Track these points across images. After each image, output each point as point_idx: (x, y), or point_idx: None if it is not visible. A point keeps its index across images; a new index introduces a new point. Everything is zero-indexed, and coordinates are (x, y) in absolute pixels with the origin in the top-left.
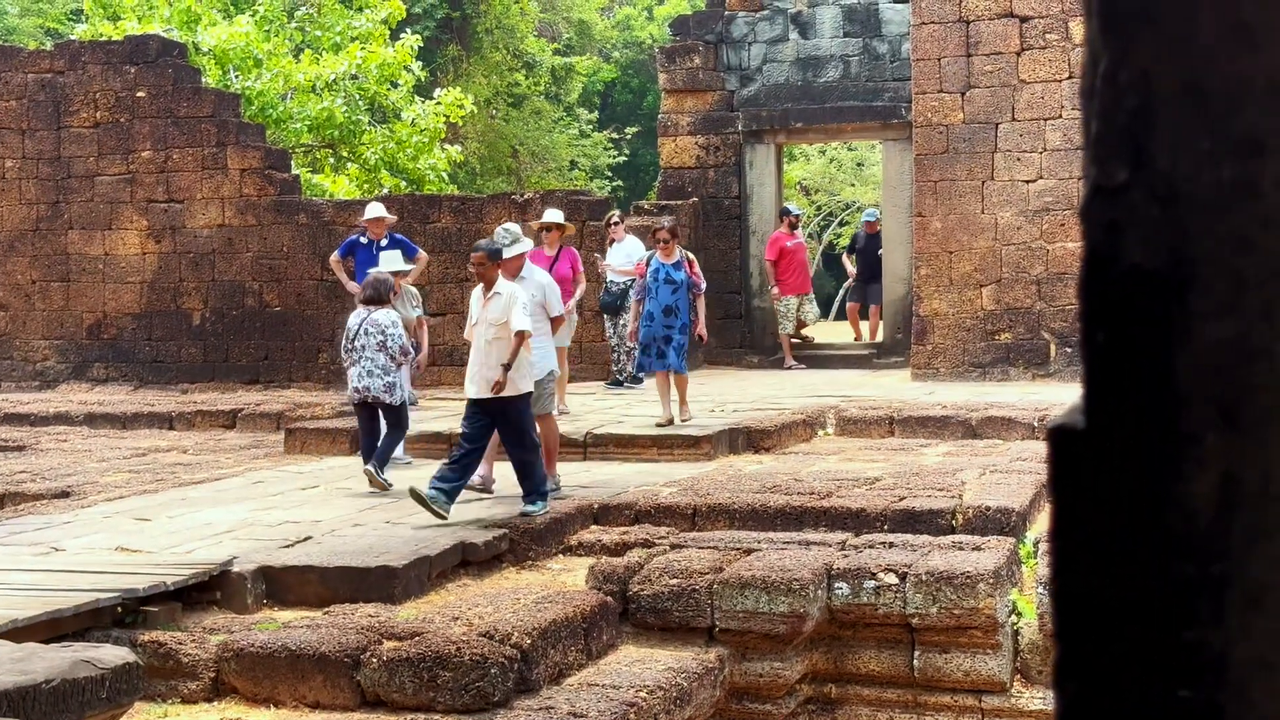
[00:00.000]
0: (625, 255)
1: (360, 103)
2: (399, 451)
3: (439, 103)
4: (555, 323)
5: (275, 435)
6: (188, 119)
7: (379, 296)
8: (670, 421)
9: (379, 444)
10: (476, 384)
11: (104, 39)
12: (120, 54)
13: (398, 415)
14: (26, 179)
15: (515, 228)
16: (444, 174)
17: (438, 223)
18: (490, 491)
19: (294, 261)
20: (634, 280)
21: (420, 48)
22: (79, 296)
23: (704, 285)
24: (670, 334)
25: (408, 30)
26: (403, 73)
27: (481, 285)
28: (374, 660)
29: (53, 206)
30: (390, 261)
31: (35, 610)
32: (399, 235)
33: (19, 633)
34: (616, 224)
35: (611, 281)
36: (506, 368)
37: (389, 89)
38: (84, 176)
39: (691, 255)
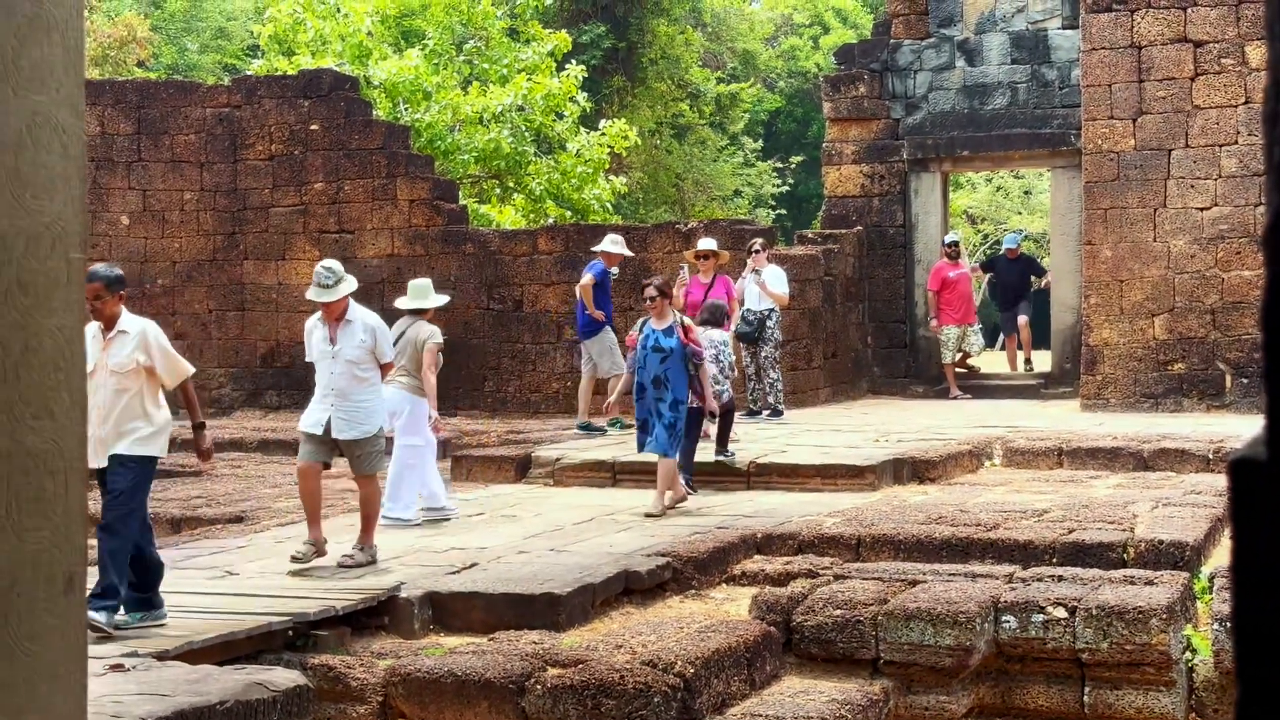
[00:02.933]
0: (769, 285)
1: (526, 134)
2: (399, 510)
3: (604, 133)
4: (385, 369)
5: (442, 463)
6: (359, 151)
7: (715, 319)
8: (659, 513)
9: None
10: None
11: (279, 74)
12: (294, 88)
13: (720, 420)
14: (204, 210)
15: (338, 265)
16: (608, 204)
17: None
18: (324, 554)
19: (461, 291)
20: (773, 310)
21: (585, 78)
22: (253, 325)
23: (706, 353)
24: (661, 409)
25: (573, 61)
26: (568, 104)
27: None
28: (538, 687)
29: (229, 237)
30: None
31: (210, 633)
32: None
33: (195, 654)
34: (758, 252)
35: (749, 310)
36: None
37: (554, 120)
38: (259, 208)
39: (688, 320)
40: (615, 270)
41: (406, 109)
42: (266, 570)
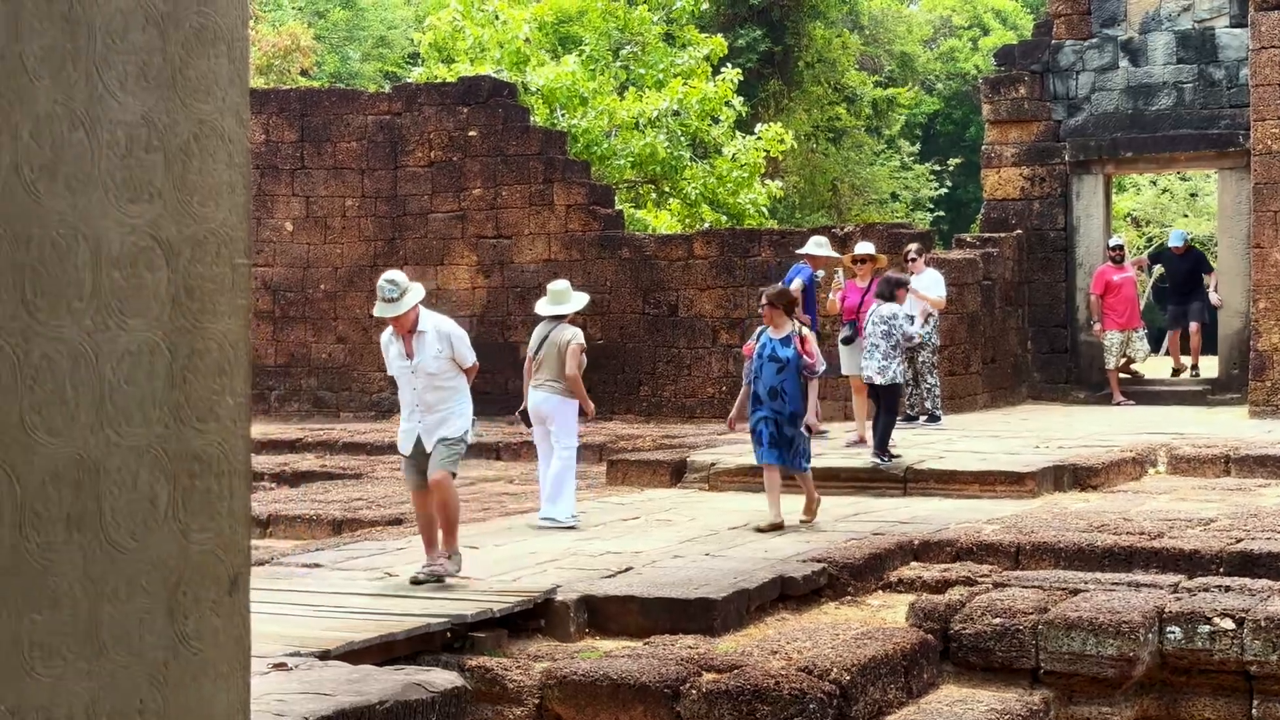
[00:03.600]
0: (925, 289)
1: (682, 138)
2: (564, 511)
3: (759, 137)
4: (469, 373)
5: (597, 467)
6: (516, 157)
7: (889, 293)
8: (776, 527)
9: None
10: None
11: (438, 81)
12: (453, 95)
13: (889, 398)
14: (365, 216)
15: (402, 276)
16: (764, 208)
17: (757, 256)
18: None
19: (617, 296)
20: (931, 314)
21: (741, 82)
22: None
23: (820, 367)
24: (780, 420)
25: (729, 65)
26: (724, 108)
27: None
28: (693, 692)
29: (389, 243)
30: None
31: (370, 633)
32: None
33: (355, 654)
34: (914, 259)
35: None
36: None
37: (710, 124)
38: (418, 214)
39: (806, 330)
40: (821, 273)
41: (563, 115)
42: None
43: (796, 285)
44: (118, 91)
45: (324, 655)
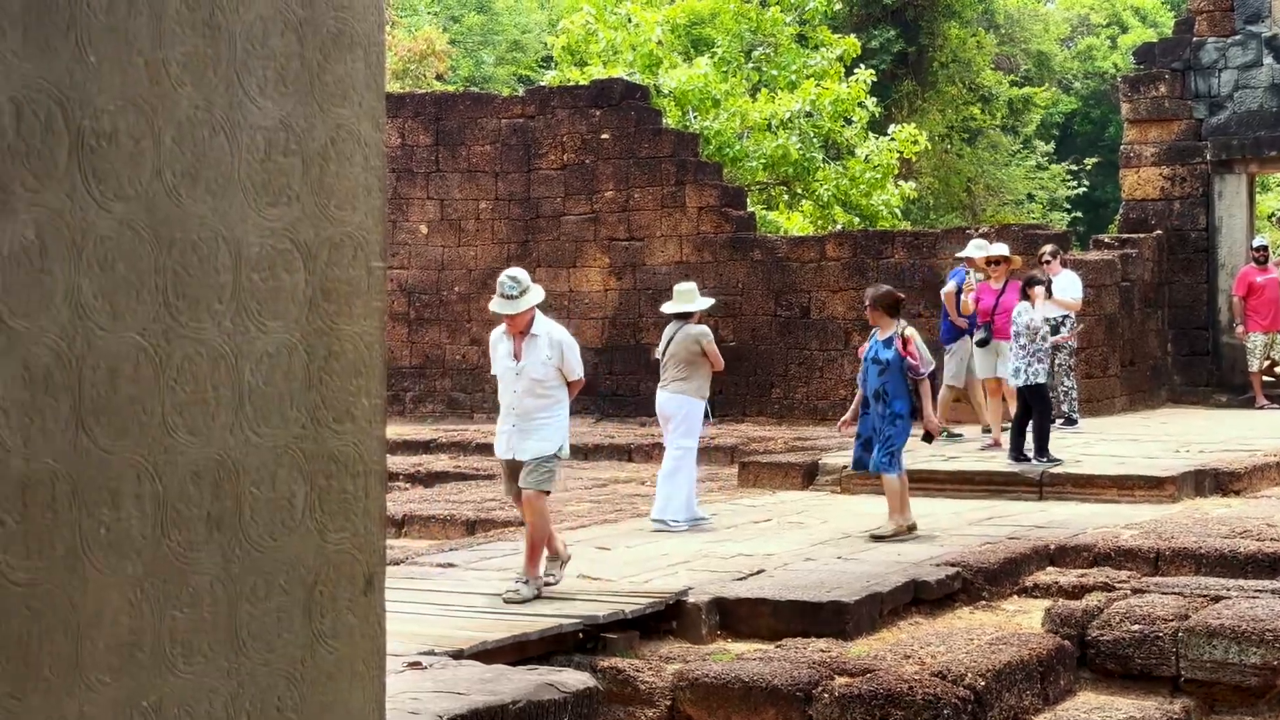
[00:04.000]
0: (1061, 291)
1: (814, 140)
2: (675, 512)
3: (893, 138)
4: (573, 387)
5: (729, 469)
6: (648, 159)
7: (1026, 293)
8: (888, 535)
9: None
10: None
11: (571, 84)
12: (586, 98)
13: (1034, 399)
14: (498, 219)
15: (524, 275)
16: (897, 210)
17: (890, 258)
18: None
19: (748, 297)
20: (1067, 316)
21: (874, 83)
22: None
23: (926, 368)
24: (883, 426)
25: (862, 66)
26: (857, 109)
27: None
28: (825, 695)
29: (522, 245)
30: (680, 298)
31: (503, 633)
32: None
33: (488, 654)
34: (1048, 261)
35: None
36: None
37: (843, 125)
38: (551, 216)
39: (909, 331)
40: (980, 275)
41: (695, 117)
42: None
43: (950, 288)
44: (257, 97)
45: (458, 655)
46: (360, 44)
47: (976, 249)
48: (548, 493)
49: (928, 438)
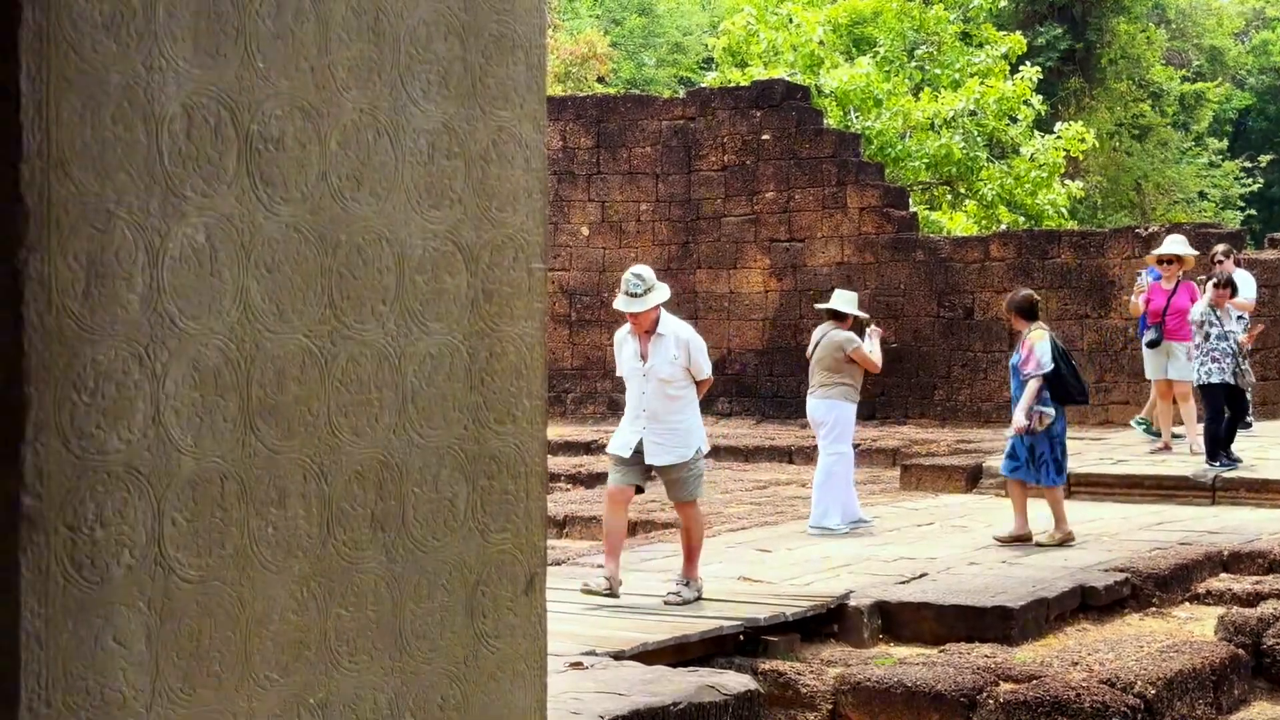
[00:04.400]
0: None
1: (978, 139)
2: (834, 517)
3: (1059, 136)
4: (701, 386)
5: (891, 471)
6: (809, 160)
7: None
8: (1019, 539)
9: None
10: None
11: (732, 85)
12: (747, 99)
13: (1210, 399)
14: (659, 221)
15: (649, 273)
16: (1063, 209)
17: (1056, 258)
18: (616, 595)
19: (910, 299)
20: (1241, 317)
21: (1040, 80)
22: (705, 333)
23: (1033, 369)
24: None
25: (1027, 63)
26: (1022, 107)
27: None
28: (990, 702)
29: (683, 247)
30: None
31: (664, 635)
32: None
33: (649, 655)
34: (1221, 261)
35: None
36: None
37: (1008, 124)
38: (711, 218)
39: (1034, 334)
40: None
41: (857, 116)
42: (718, 575)
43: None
44: (420, 100)
45: (618, 655)
46: (522, 46)
47: (1176, 245)
48: (699, 498)
49: (1024, 434)
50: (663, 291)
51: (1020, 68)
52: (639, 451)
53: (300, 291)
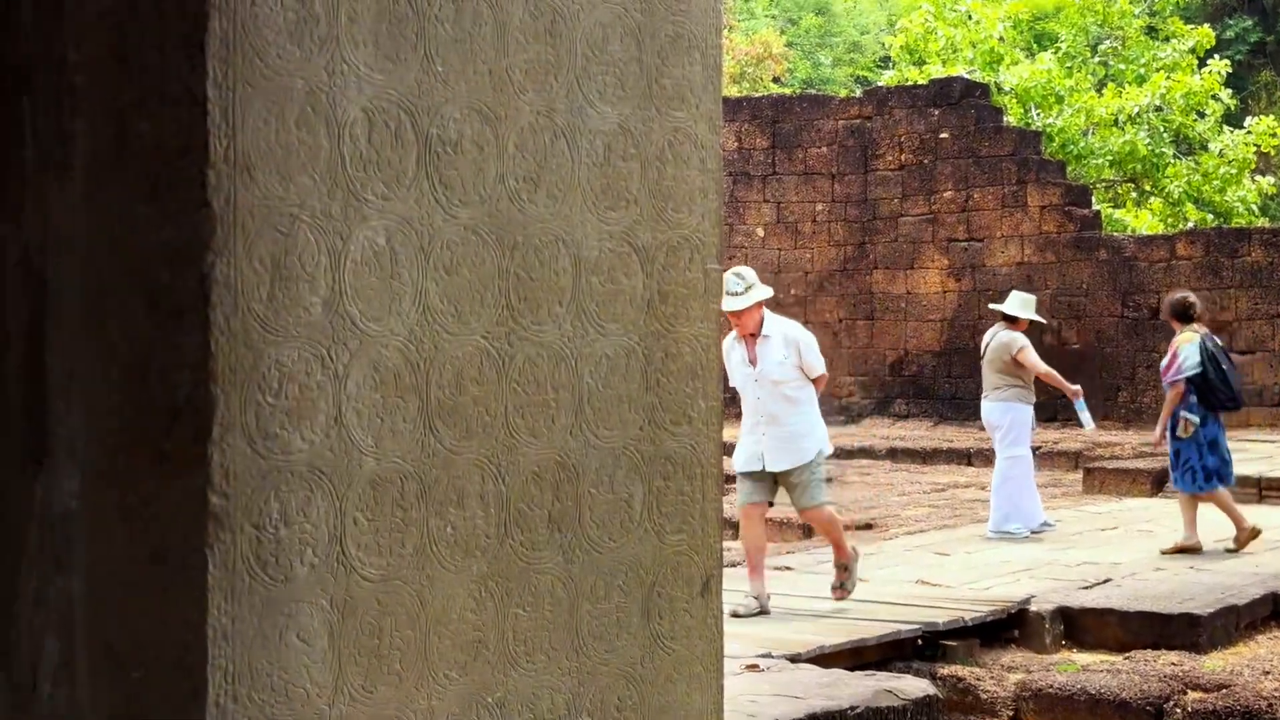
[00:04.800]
0: None
1: (1164, 135)
2: (1008, 524)
3: (1249, 131)
4: (817, 384)
5: (1073, 474)
6: (988, 158)
7: None
8: (1186, 549)
9: None
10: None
11: (909, 84)
12: (925, 97)
13: None
14: (835, 221)
15: (749, 271)
16: (1254, 206)
17: (1246, 257)
18: (767, 612)
19: (1093, 299)
20: None
21: (1229, 74)
22: (882, 334)
23: (1171, 375)
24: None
25: (1216, 57)
26: (1210, 102)
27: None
28: (1177, 711)
29: (858, 247)
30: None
31: (840, 638)
32: None
33: (825, 658)
34: None
35: None
36: None
37: (1195, 119)
38: (888, 218)
39: (1182, 337)
40: None
41: (1038, 114)
42: (895, 578)
43: None
44: (596, 102)
45: (794, 658)
46: (698, 47)
47: None
48: (826, 501)
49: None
50: (763, 290)
51: (1208, 61)
52: (764, 462)
53: (478, 293)
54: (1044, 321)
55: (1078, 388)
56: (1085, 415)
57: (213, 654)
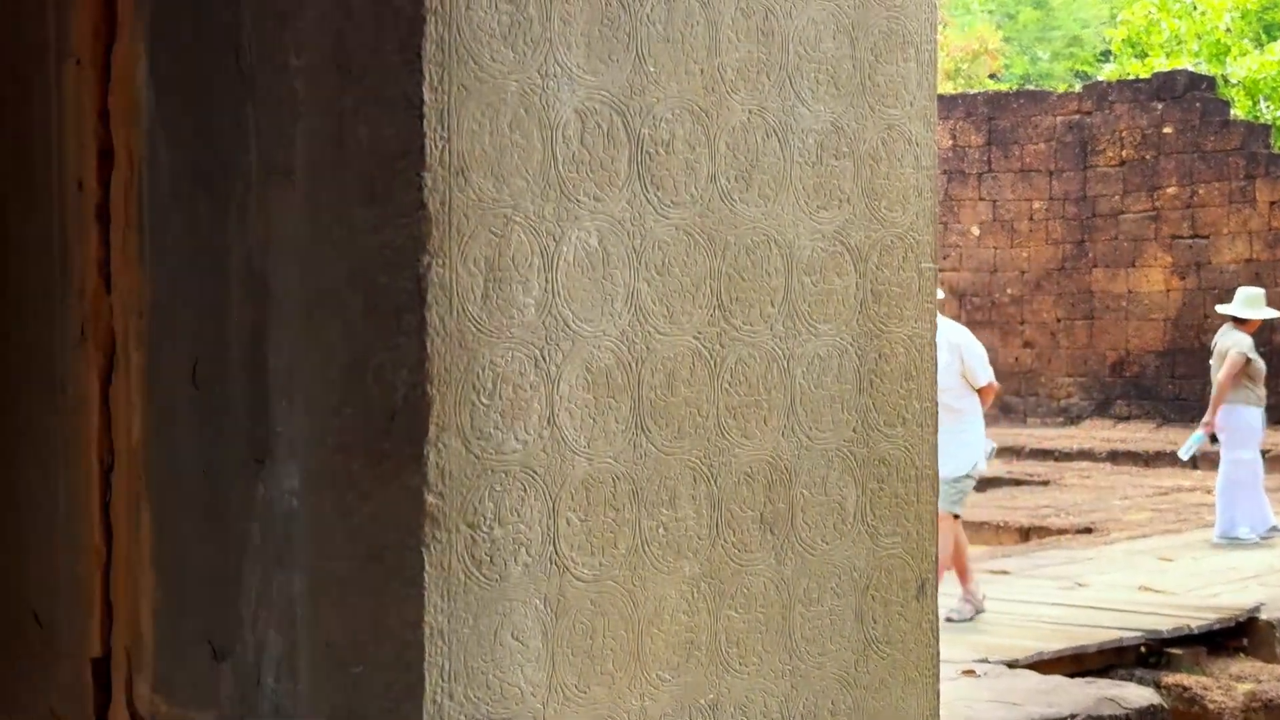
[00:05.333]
0: None
1: None
2: (1241, 526)
3: None
4: (983, 394)
5: None
6: (1214, 153)
7: None
8: None
9: None
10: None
11: (1130, 77)
12: (1146, 91)
13: None
14: (1053, 219)
15: None
16: None
17: None
18: (983, 611)
19: None
20: None
21: None
22: (1101, 334)
23: None
24: None
25: None
26: None
27: None
28: None
29: (1077, 245)
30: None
31: (1059, 644)
32: None
33: (1043, 664)
34: None
35: None
36: None
37: None
38: (1108, 215)
39: None
40: None
41: (1268, 106)
42: (1116, 584)
43: None
44: (809, 99)
45: (1012, 664)
46: (912, 43)
47: None
48: (957, 515)
49: None
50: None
51: None
52: None
53: (689, 294)
54: (1277, 315)
55: (1208, 420)
56: (1192, 447)
57: (429, 652)
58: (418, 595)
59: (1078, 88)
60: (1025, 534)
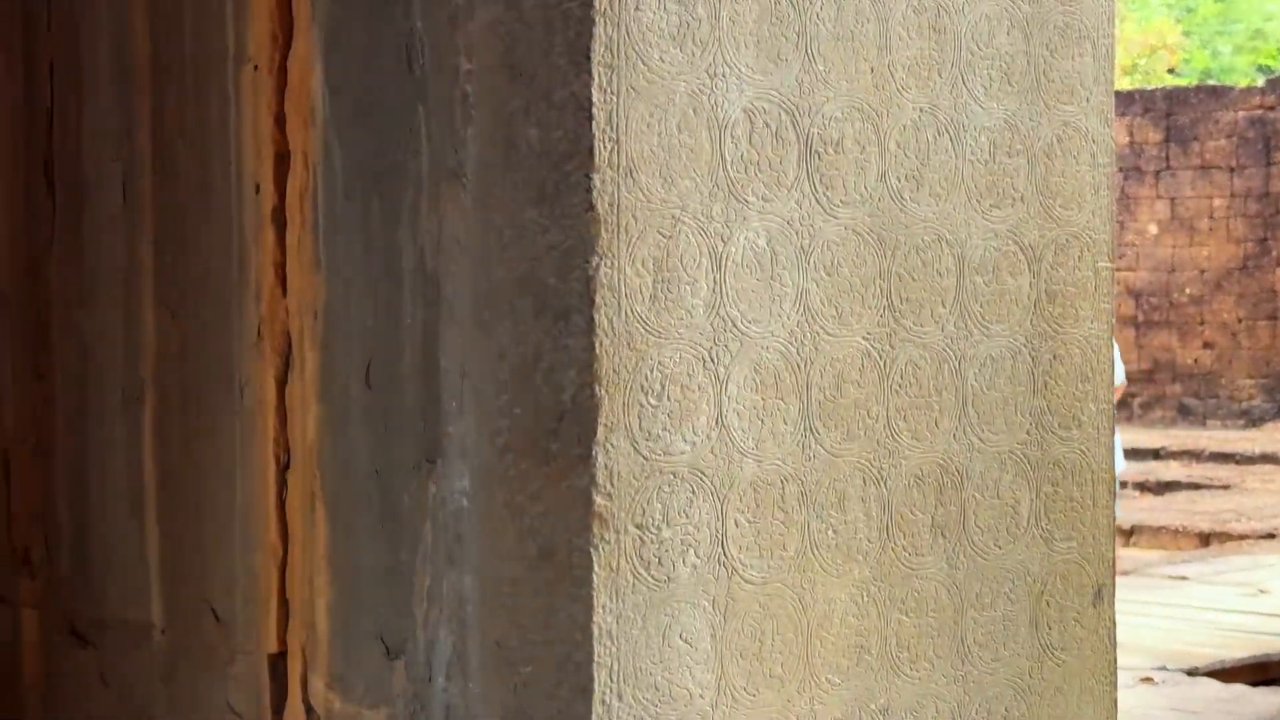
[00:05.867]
0: None
1: None
2: None
3: None
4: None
5: None
6: None
7: None
8: None
9: None
10: None
11: None
12: None
13: None
14: (1233, 217)
15: None
16: None
17: None
18: None
19: None
20: None
21: None
22: None
23: None
24: None
25: None
26: None
27: None
28: None
29: (1260, 244)
30: None
31: (1242, 651)
32: None
33: (1225, 673)
34: None
35: None
36: None
37: None
38: None
39: None
40: None
41: None
42: None
43: None
44: (981, 96)
45: (1192, 672)
46: (1089, 37)
47: None
48: None
49: None
50: None
51: None
52: None
53: (859, 294)
54: None
55: None
56: None
57: (598, 652)
58: (586, 596)
59: (1260, 82)
60: (1205, 539)
